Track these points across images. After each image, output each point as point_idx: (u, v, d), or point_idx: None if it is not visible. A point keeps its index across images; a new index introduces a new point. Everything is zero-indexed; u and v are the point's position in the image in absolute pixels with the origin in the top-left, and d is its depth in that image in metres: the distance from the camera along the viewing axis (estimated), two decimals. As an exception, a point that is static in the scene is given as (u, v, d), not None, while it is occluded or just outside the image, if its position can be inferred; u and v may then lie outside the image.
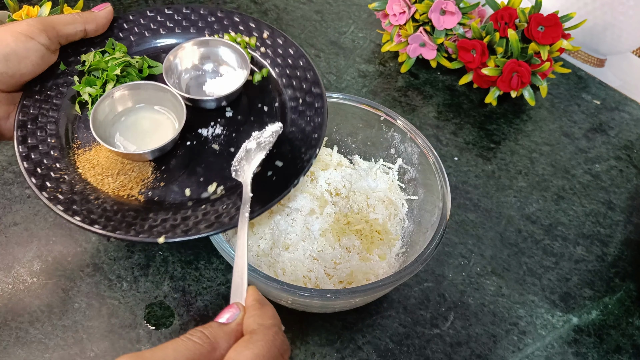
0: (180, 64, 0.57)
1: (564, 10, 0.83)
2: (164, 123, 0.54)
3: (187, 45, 0.57)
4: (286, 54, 0.58)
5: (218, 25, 0.60)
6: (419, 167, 0.61)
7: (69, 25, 0.51)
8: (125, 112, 0.54)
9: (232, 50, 0.57)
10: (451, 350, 0.59)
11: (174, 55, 0.56)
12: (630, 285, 0.66)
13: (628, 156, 0.79)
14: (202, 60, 0.58)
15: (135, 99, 0.54)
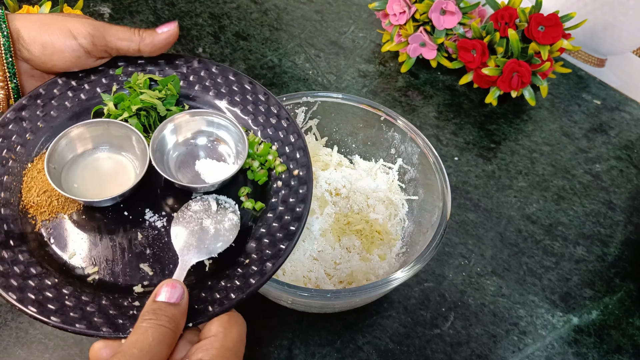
0: (171, 138, 0.49)
1: (564, 10, 0.82)
2: (126, 167, 0.48)
3: (178, 117, 0.49)
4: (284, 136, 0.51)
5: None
6: (419, 167, 0.61)
7: (123, 40, 0.49)
8: (84, 154, 0.48)
9: (231, 127, 0.49)
10: (451, 351, 0.59)
11: (160, 130, 0.48)
12: (630, 285, 0.66)
13: (628, 156, 0.79)
14: (195, 134, 0.50)
15: (96, 140, 0.49)
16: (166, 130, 0.48)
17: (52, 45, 0.47)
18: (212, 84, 0.52)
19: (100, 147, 0.49)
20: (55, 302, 0.41)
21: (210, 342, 0.37)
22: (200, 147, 0.50)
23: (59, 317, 0.40)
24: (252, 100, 0.52)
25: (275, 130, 0.51)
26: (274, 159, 0.49)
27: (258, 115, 0.51)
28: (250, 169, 0.49)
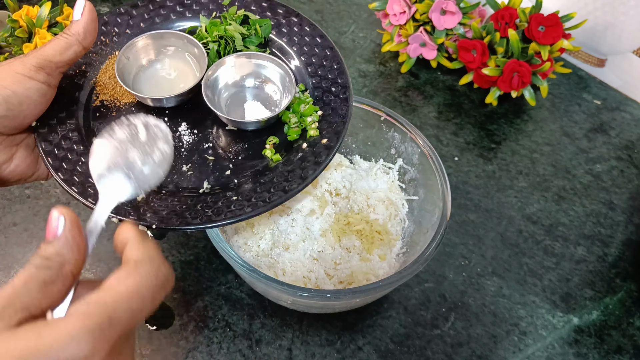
0: (220, 79, 0.53)
1: (565, 10, 0.82)
2: (187, 73, 0.53)
3: (228, 59, 0.52)
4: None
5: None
6: (420, 167, 0.61)
7: (67, 51, 0.45)
8: (149, 63, 0.53)
9: (278, 67, 0.52)
10: (452, 351, 0.58)
11: (213, 70, 0.52)
12: (631, 285, 0.66)
13: (629, 156, 0.79)
14: (244, 76, 0.53)
15: (158, 49, 0.53)
16: (219, 70, 0.52)
17: (16, 95, 0.43)
18: (298, 40, 0.56)
19: (168, 56, 0.54)
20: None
21: (89, 296, 0.31)
22: (248, 89, 0.53)
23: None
24: (326, 65, 0.54)
25: (329, 97, 0.52)
26: (313, 122, 0.50)
27: (322, 81, 0.53)
28: (287, 124, 0.51)
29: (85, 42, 0.46)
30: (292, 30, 0.56)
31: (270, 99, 0.53)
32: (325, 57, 0.54)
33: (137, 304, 0.31)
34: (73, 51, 0.46)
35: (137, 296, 0.31)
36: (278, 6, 0.56)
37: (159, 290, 0.33)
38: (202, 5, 0.56)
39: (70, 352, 0.28)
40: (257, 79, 0.53)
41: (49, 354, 0.27)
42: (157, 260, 0.34)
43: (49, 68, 0.45)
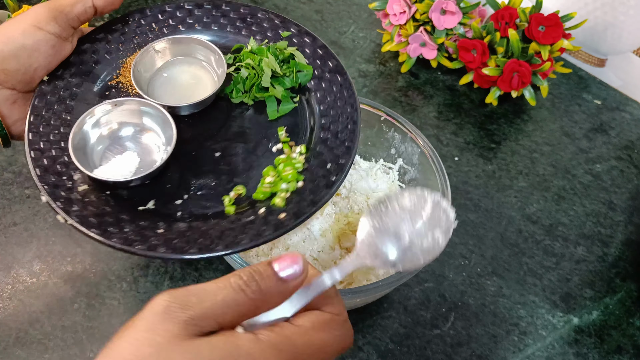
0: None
1: (565, 10, 0.82)
2: (203, 78, 0.52)
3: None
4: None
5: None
6: (420, 167, 0.61)
7: (77, 4, 0.46)
8: (164, 67, 0.52)
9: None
10: (452, 351, 0.58)
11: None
12: (631, 285, 0.66)
13: (629, 156, 0.79)
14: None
15: (175, 53, 0.52)
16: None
17: (25, 48, 0.44)
18: (329, 101, 0.52)
19: (182, 62, 0.53)
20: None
21: (284, 326, 0.31)
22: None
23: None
24: (340, 126, 0.50)
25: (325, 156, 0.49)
26: (285, 190, 0.45)
27: (328, 140, 0.49)
28: (261, 179, 0.47)
29: (98, 1, 0.47)
30: (330, 88, 0.52)
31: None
32: (344, 121, 0.50)
33: (317, 358, 0.32)
34: (82, 5, 0.46)
35: (320, 352, 0.32)
36: (330, 58, 0.53)
37: (338, 352, 0.33)
38: (262, 28, 0.54)
39: None
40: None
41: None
42: (348, 324, 0.35)
43: (60, 19, 0.45)
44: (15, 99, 0.46)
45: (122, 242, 0.40)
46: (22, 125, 0.47)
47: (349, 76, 0.52)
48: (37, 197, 0.65)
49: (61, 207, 0.42)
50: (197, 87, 0.51)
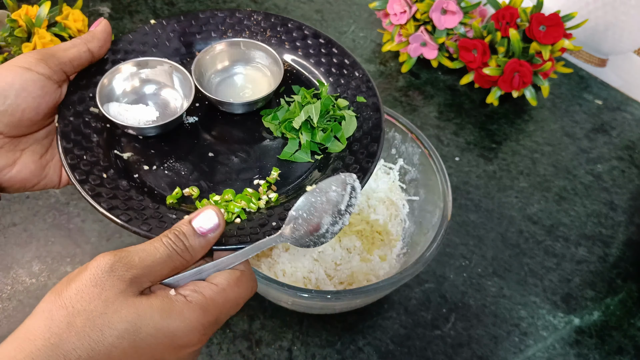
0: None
1: (566, 9, 0.82)
2: (259, 80, 0.54)
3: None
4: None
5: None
6: (420, 167, 0.61)
7: (71, 49, 0.47)
8: (222, 70, 0.55)
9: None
10: (452, 352, 0.58)
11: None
12: (632, 286, 0.66)
13: (630, 156, 0.79)
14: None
15: (230, 57, 0.54)
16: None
17: (13, 88, 0.43)
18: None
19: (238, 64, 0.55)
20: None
21: (206, 287, 0.37)
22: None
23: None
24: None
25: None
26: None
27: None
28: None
29: (92, 44, 0.48)
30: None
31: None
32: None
33: (232, 311, 0.37)
34: (77, 50, 0.47)
35: (235, 305, 0.37)
36: (373, 96, 0.53)
37: (246, 300, 0.38)
38: (325, 73, 0.54)
39: (187, 340, 0.35)
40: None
41: (173, 337, 0.34)
42: (253, 275, 0.39)
43: (51, 61, 0.45)
44: (2, 145, 0.45)
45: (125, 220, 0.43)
46: (8, 173, 0.46)
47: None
48: (36, 198, 0.65)
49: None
50: (251, 89, 0.54)
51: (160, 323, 0.34)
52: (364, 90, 0.52)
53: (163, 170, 0.49)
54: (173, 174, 0.48)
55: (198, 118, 0.52)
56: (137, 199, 0.45)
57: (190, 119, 0.52)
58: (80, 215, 0.64)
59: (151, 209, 0.45)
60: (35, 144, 0.47)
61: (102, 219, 0.64)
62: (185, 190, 0.47)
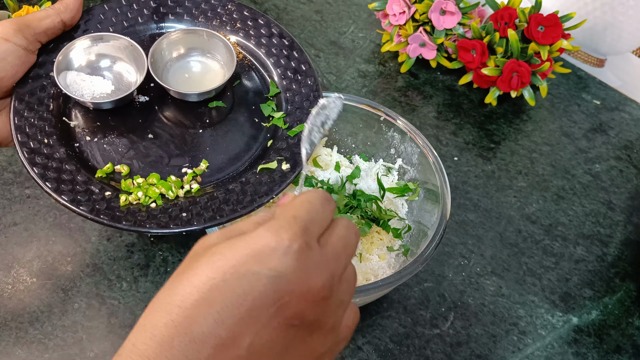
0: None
1: (564, 10, 0.82)
2: (213, 69, 0.56)
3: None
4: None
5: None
6: (419, 167, 0.61)
7: (45, 19, 0.49)
8: (178, 57, 0.56)
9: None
10: (451, 351, 0.59)
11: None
12: (630, 285, 0.66)
13: (628, 156, 0.79)
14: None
15: (188, 44, 0.56)
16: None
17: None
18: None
19: (193, 53, 0.57)
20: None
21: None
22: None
23: None
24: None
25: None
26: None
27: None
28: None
29: (64, 15, 0.51)
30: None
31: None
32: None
33: (309, 206, 0.32)
34: (51, 20, 0.50)
35: (307, 202, 0.32)
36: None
37: (326, 200, 0.33)
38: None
39: (266, 241, 0.29)
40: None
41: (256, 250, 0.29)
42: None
43: (27, 32, 0.48)
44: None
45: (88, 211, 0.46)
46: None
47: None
48: (37, 197, 0.65)
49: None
50: (205, 78, 0.55)
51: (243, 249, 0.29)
52: (310, 99, 0.55)
53: (103, 144, 0.51)
54: (111, 149, 0.51)
55: (149, 98, 0.54)
56: (68, 169, 0.47)
57: (142, 97, 0.54)
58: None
59: (78, 181, 0.47)
60: (10, 104, 0.50)
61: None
62: (117, 166, 0.49)
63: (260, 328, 0.28)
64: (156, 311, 0.28)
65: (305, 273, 0.29)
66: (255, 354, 0.28)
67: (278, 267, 0.28)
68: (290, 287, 0.28)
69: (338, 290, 0.31)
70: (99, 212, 0.46)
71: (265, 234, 0.29)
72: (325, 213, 0.32)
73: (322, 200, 0.33)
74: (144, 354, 0.27)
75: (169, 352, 0.27)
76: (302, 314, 0.29)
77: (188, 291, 0.28)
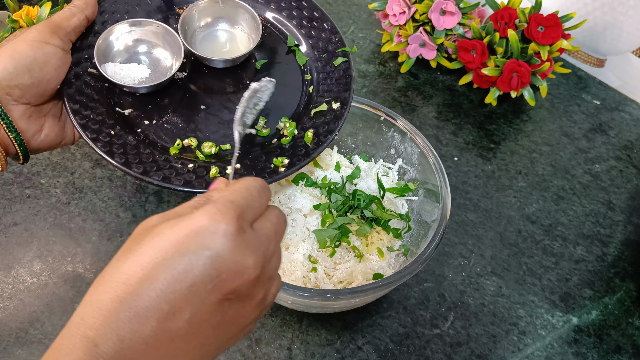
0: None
1: (564, 10, 0.83)
2: (239, 37, 0.57)
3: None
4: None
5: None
6: (419, 167, 0.61)
7: (72, 18, 0.50)
8: (206, 26, 0.57)
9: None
10: (451, 351, 0.59)
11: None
12: (630, 285, 0.66)
13: (628, 156, 0.79)
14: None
15: (215, 13, 0.57)
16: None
17: (37, 62, 0.46)
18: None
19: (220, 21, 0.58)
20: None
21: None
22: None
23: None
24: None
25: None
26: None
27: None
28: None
29: (87, 12, 0.52)
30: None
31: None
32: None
33: (246, 193, 0.34)
34: (77, 19, 0.51)
35: (245, 189, 0.35)
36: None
37: (262, 189, 0.36)
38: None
39: (204, 224, 0.31)
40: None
41: (197, 233, 0.31)
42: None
43: (60, 32, 0.49)
44: (30, 114, 0.48)
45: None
46: (38, 138, 0.50)
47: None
48: (37, 197, 0.65)
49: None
50: (232, 45, 0.57)
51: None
52: (334, 42, 0.58)
53: (162, 123, 0.52)
54: (172, 127, 0.52)
55: (187, 73, 0.56)
56: (145, 152, 0.49)
57: (180, 74, 0.55)
58: (81, 214, 0.64)
59: (159, 161, 0.49)
60: (54, 107, 0.51)
61: (103, 217, 0.64)
62: (185, 141, 0.51)
63: (199, 303, 0.31)
64: (103, 287, 0.31)
65: (240, 253, 0.32)
66: (194, 326, 0.31)
67: (216, 247, 0.31)
68: (226, 266, 0.31)
69: (268, 267, 0.34)
70: (193, 184, 0.47)
71: (205, 216, 0.32)
72: (260, 201, 0.35)
73: (259, 188, 0.35)
74: (92, 326, 0.29)
75: (115, 325, 0.29)
76: (237, 289, 0.32)
77: (132, 269, 0.30)
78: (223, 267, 0.31)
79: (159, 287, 0.30)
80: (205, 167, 0.49)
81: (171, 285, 0.30)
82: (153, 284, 0.30)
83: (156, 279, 0.30)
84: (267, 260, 0.34)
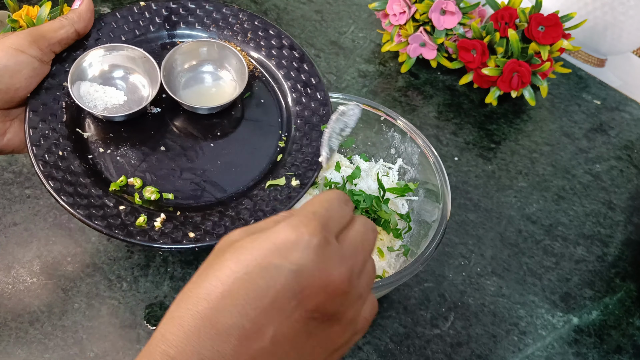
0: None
1: (565, 10, 0.82)
2: (225, 82, 0.55)
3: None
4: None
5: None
6: (419, 167, 0.61)
7: (59, 30, 0.49)
8: (190, 69, 0.55)
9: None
10: (451, 351, 0.59)
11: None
12: (630, 285, 0.66)
13: (628, 156, 0.79)
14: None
15: (200, 56, 0.55)
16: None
17: (7, 70, 0.46)
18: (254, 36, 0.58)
19: (206, 64, 0.56)
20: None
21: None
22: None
23: None
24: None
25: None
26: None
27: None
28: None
29: (78, 25, 0.50)
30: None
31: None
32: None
33: (328, 204, 0.33)
34: (65, 31, 0.49)
35: (326, 201, 0.33)
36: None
37: (344, 200, 0.35)
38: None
39: (285, 236, 0.30)
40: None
41: (276, 244, 0.30)
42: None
43: (42, 43, 0.48)
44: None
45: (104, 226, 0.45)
46: (1, 141, 0.49)
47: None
48: (37, 197, 0.65)
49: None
50: (217, 91, 0.55)
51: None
52: (320, 114, 0.54)
53: (116, 155, 0.50)
54: (123, 161, 0.50)
55: (161, 109, 0.53)
56: (84, 182, 0.47)
57: (154, 109, 0.53)
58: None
59: (93, 194, 0.47)
60: (22, 113, 0.50)
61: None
62: (130, 179, 0.49)
63: (282, 320, 0.29)
64: (184, 303, 0.29)
65: (325, 267, 0.30)
66: (278, 345, 0.29)
67: (299, 261, 0.29)
68: (310, 281, 0.29)
69: (357, 284, 0.32)
70: (114, 227, 0.45)
71: (286, 228, 0.30)
72: (343, 211, 0.33)
73: (340, 199, 0.34)
74: (172, 343, 0.28)
75: (195, 342, 0.28)
76: (323, 306, 0.30)
77: (213, 284, 0.29)
78: (306, 282, 0.29)
79: (240, 303, 0.29)
80: (136, 213, 0.47)
81: (252, 301, 0.29)
82: (234, 299, 0.29)
83: (237, 294, 0.29)
84: (355, 274, 0.31)
